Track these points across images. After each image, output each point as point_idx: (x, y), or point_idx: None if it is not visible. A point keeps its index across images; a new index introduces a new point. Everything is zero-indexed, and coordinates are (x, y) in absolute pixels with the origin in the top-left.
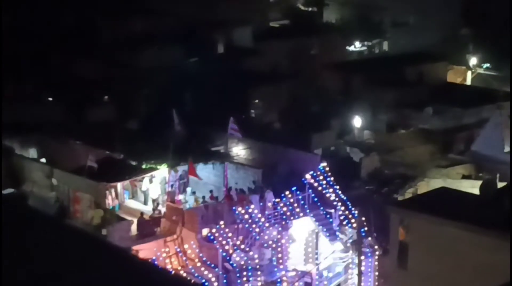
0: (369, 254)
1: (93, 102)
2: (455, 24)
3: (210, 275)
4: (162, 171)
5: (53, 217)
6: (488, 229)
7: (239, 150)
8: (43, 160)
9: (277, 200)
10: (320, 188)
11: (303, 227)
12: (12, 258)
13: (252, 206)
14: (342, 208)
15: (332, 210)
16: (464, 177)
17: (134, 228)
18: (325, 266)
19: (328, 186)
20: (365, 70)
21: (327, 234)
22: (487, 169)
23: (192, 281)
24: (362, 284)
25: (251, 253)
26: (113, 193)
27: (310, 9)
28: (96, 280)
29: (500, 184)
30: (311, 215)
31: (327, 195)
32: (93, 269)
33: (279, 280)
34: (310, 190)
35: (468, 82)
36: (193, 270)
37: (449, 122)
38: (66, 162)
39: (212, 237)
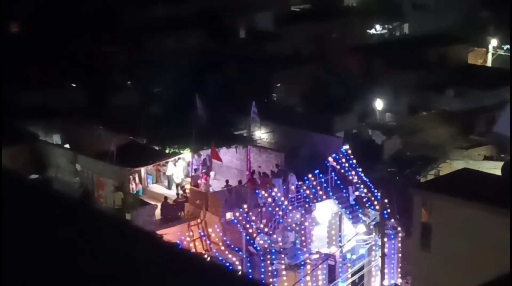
0: (392, 236)
1: (116, 87)
2: (475, 5)
3: (234, 259)
4: (186, 156)
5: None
6: (509, 209)
7: (261, 134)
8: (67, 145)
9: (300, 183)
10: (342, 171)
11: (326, 210)
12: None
13: (275, 190)
14: (365, 190)
15: (350, 189)
16: (486, 158)
17: (158, 212)
18: (348, 248)
19: (350, 168)
20: (386, 52)
21: (350, 217)
22: (509, 150)
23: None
24: (386, 265)
25: (274, 236)
26: (137, 178)
27: None
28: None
29: None
30: (334, 198)
31: (350, 177)
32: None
33: (302, 262)
34: (333, 173)
35: (489, 63)
36: (217, 254)
37: (470, 103)
38: (90, 147)
39: (235, 221)
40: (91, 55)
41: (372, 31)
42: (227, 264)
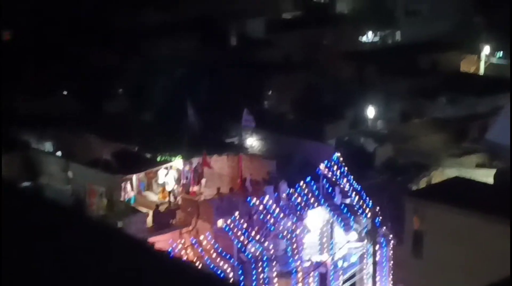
0: (384, 244)
1: (107, 94)
2: (468, 12)
3: (225, 266)
4: (177, 163)
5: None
6: (502, 218)
7: (253, 141)
8: (59, 153)
9: (291, 190)
10: (334, 178)
11: (317, 217)
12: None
13: (267, 197)
14: (357, 197)
15: (337, 189)
16: (478, 165)
17: (149, 220)
18: (340, 256)
19: (342, 176)
20: (378, 59)
21: (342, 224)
22: (501, 157)
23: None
24: (377, 273)
25: (266, 244)
26: (129, 186)
27: (322, 0)
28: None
29: None
30: (326, 205)
31: (341, 185)
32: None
33: (294, 270)
34: (325, 180)
35: (481, 71)
36: (208, 261)
37: (462, 111)
38: (82, 155)
39: (227, 228)
40: (83, 62)
41: (364, 38)
42: (219, 271)
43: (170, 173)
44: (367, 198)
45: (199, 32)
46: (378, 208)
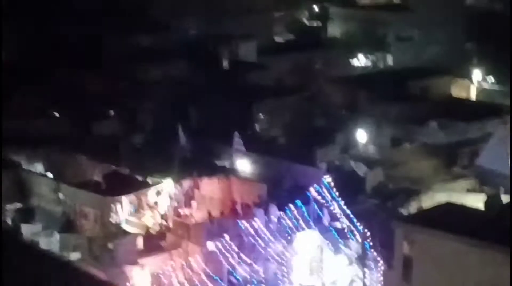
0: (373, 268)
1: (99, 116)
2: (459, 38)
3: None
4: (168, 185)
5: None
6: (492, 244)
7: (244, 165)
8: (50, 174)
9: (281, 214)
10: (324, 202)
11: (307, 241)
12: None
13: (257, 220)
14: (347, 221)
15: (337, 224)
16: (469, 191)
17: (140, 242)
18: (330, 280)
19: (332, 200)
20: (369, 84)
21: (332, 248)
22: (492, 183)
23: None
24: None
25: (255, 266)
26: (119, 207)
27: (314, 23)
28: None
29: (505, 199)
30: (316, 229)
31: (332, 209)
32: None
33: None
34: (315, 204)
35: (473, 96)
36: (198, 284)
37: (453, 136)
38: (73, 176)
39: (217, 251)
40: (74, 84)
41: (356, 62)
42: None
43: (161, 195)
44: (357, 222)
45: (191, 56)
46: (368, 232)
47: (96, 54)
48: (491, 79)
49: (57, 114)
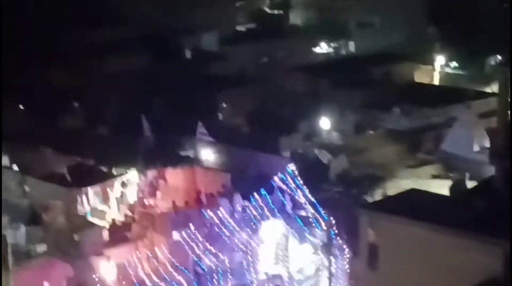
0: (339, 256)
1: (63, 109)
2: (421, 23)
3: (181, 279)
4: (133, 176)
5: None
6: (459, 230)
7: (207, 154)
8: (15, 167)
9: (246, 203)
10: (289, 190)
11: (272, 230)
12: None
13: (222, 210)
14: (312, 210)
15: (302, 213)
16: (434, 176)
17: (105, 233)
18: (295, 268)
19: (297, 188)
20: (331, 71)
21: (297, 237)
22: (457, 168)
23: None
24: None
25: (221, 256)
26: (85, 199)
27: (276, 12)
28: None
29: (470, 184)
30: (281, 217)
31: (296, 197)
32: None
33: (249, 283)
34: (279, 193)
35: (436, 81)
36: (164, 274)
37: (417, 122)
38: (38, 169)
39: (182, 241)
40: (38, 77)
41: (318, 49)
42: (174, 284)
43: (126, 186)
44: (322, 210)
45: (153, 47)
46: (333, 220)
47: (58, 47)
48: (454, 64)
49: (21, 107)
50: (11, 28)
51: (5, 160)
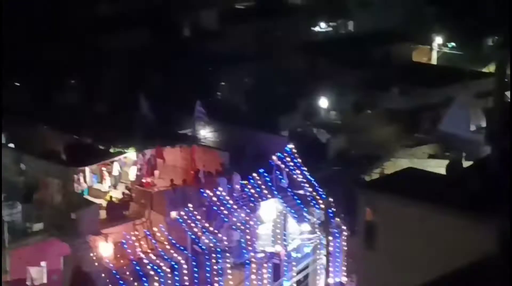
0: (337, 235)
1: (60, 86)
2: (420, 3)
3: (179, 258)
4: (130, 155)
5: None
6: (454, 209)
7: (206, 133)
8: (11, 145)
9: (244, 182)
10: (287, 170)
11: (271, 208)
12: None
13: (220, 189)
14: (310, 189)
15: (300, 192)
16: (431, 156)
17: (103, 212)
18: (293, 247)
19: (295, 167)
20: (330, 50)
21: (295, 216)
22: (453, 148)
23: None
24: (330, 264)
25: (219, 235)
26: (82, 177)
27: None
28: None
29: (466, 164)
30: (279, 196)
31: (295, 176)
32: None
33: (248, 261)
34: (278, 172)
35: (434, 61)
36: (162, 253)
37: (415, 101)
38: (35, 147)
39: (181, 220)
40: (34, 53)
41: (317, 28)
42: (173, 262)
43: (124, 165)
44: (321, 189)
45: (151, 24)
46: (331, 199)
47: (56, 23)
48: (452, 44)
49: (17, 84)
50: (8, 3)
51: (2, 138)
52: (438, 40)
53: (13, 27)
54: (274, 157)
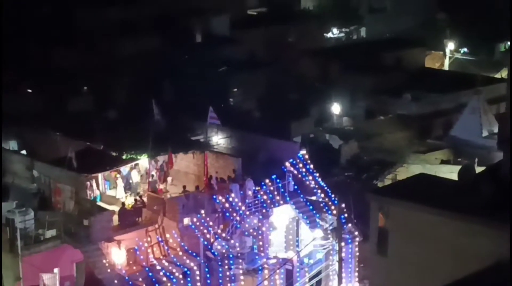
0: (349, 241)
1: (72, 93)
2: (432, 9)
3: (192, 264)
4: (143, 161)
5: None
6: (466, 215)
7: (218, 139)
8: (24, 152)
9: (257, 188)
10: (299, 176)
11: (283, 214)
12: None
13: (233, 195)
14: (322, 195)
15: (313, 198)
16: (443, 162)
17: (115, 218)
18: (306, 253)
19: (307, 173)
20: (343, 56)
21: (308, 222)
22: (465, 154)
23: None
24: (343, 270)
25: (232, 241)
26: (94, 184)
27: None
28: None
29: (478, 169)
30: (291, 202)
31: (307, 182)
32: None
33: (260, 267)
34: (290, 178)
35: (446, 67)
36: (175, 259)
37: (427, 107)
38: (47, 153)
39: (193, 226)
40: (47, 60)
41: (329, 34)
42: (185, 269)
43: (137, 171)
44: (333, 195)
45: (164, 30)
46: (343, 205)
47: (68, 29)
48: (464, 50)
49: (30, 91)
50: (18, 7)
51: (14, 145)
52: (451, 45)
53: (26, 33)
54: (286, 163)
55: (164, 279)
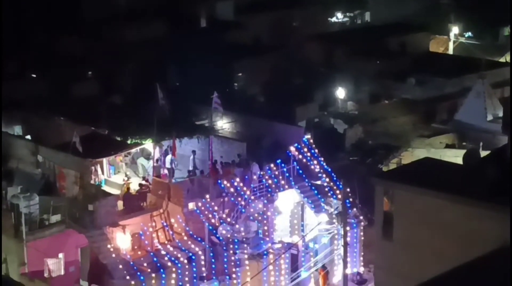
0: (354, 225)
1: (77, 78)
2: None
3: (196, 249)
4: (147, 146)
5: None
6: (472, 198)
7: (223, 124)
8: (28, 137)
9: (262, 173)
10: (304, 160)
11: (288, 199)
12: None
13: (237, 179)
14: (327, 179)
15: (317, 182)
16: (448, 146)
17: (120, 203)
18: (311, 237)
19: (312, 158)
20: (347, 41)
21: (313, 206)
22: (470, 138)
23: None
24: (348, 254)
25: (237, 226)
26: (99, 169)
27: None
28: None
29: (483, 153)
30: (296, 187)
31: (312, 167)
32: None
33: (265, 252)
34: (295, 162)
35: (450, 51)
36: (179, 244)
37: (431, 91)
38: (51, 138)
39: (198, 211)
40: (51, 46)
41: (334, 19)
42: (190, 254)
43: (141, 156)
44: (338, 179)
45: (168, 15)
46: (348, 189)
47: (73, 14)
48: (468, 34)
49: (34, 76)
50: None
51: (18, 130)
52: (455, 30)
53: (30, 20)
54: (291, 148)
55: (169, 264)
